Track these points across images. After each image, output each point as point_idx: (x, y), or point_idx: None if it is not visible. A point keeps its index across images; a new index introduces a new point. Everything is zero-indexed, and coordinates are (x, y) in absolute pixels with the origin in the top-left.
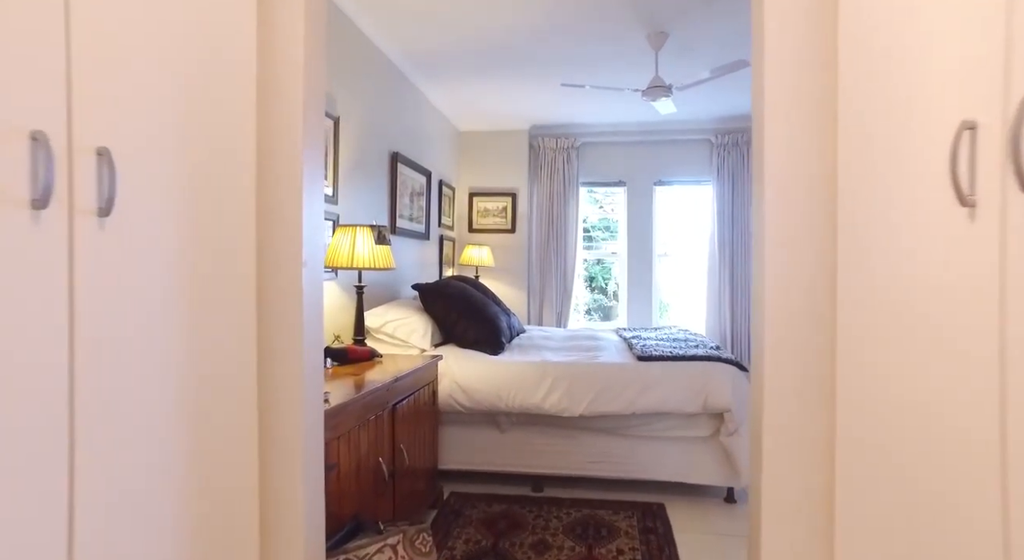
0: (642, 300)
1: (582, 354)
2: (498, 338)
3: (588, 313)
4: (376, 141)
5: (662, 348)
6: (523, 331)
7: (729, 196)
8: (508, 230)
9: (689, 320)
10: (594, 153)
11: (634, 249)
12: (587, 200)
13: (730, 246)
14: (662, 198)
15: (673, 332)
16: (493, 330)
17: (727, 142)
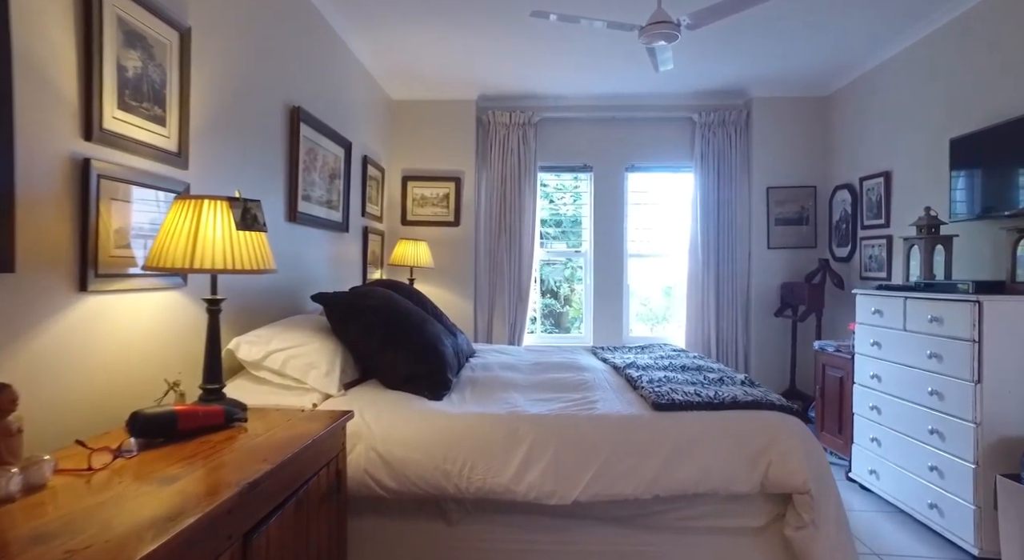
0: (611, 308)
1: (568, 398)
2: (441, 374)
3: (539, 321)
4: (266, 86)
5: (678, 387)
6: (473, 354)
7: (714, 185)
8: (451, 222)
9: (667, 330)
10: (555, 132)
11: (601, 247)
12: (546, 190)
13: (715, 243)
14: (636, 186)
15: (670, 353)
16: (434, 361)
17: (712, 121)
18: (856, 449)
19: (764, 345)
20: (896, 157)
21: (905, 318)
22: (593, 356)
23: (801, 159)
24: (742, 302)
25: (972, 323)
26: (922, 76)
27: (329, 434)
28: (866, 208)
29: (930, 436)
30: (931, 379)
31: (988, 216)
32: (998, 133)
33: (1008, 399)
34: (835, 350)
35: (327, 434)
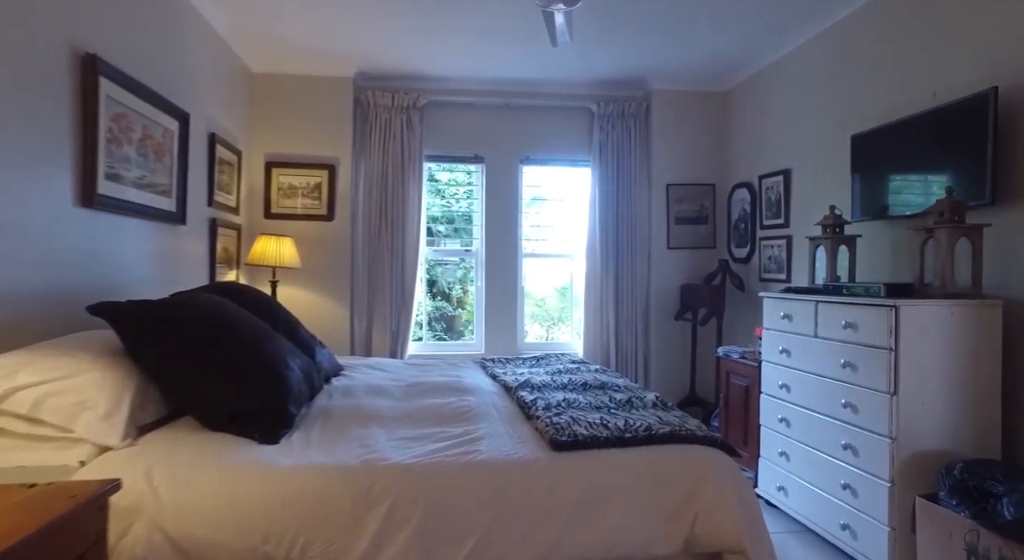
0: (504, 313)
1: (445, 434)
2: (280, 407)
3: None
4: (34, 13)
5: (581, 415)
6: (340, 372)
7: (613, 180)
8: (323, 216)
9: (563, 333)
10: (443, 117)
11: (494, 246)
12: (437, 185)
13: (614, 243)
14: (532, 180)
15: (568, 366)
16: (272, 390)
17: (611, 112)
18: (763, 463)
19: (664, 350)
20: (796, 155)
21: (817, 324)
22: (482, 370)
23: (700, 156)
24: (641, 305)
25: (888, 330)
26: (821, 71)
27: (67, 522)
28: (765, 207)
29: (843, 451)
30: (845, 390)
31: (888, 216)
32: (898, 130)
33: (924, 412)
34: (740, 357)
35: (62, 523)
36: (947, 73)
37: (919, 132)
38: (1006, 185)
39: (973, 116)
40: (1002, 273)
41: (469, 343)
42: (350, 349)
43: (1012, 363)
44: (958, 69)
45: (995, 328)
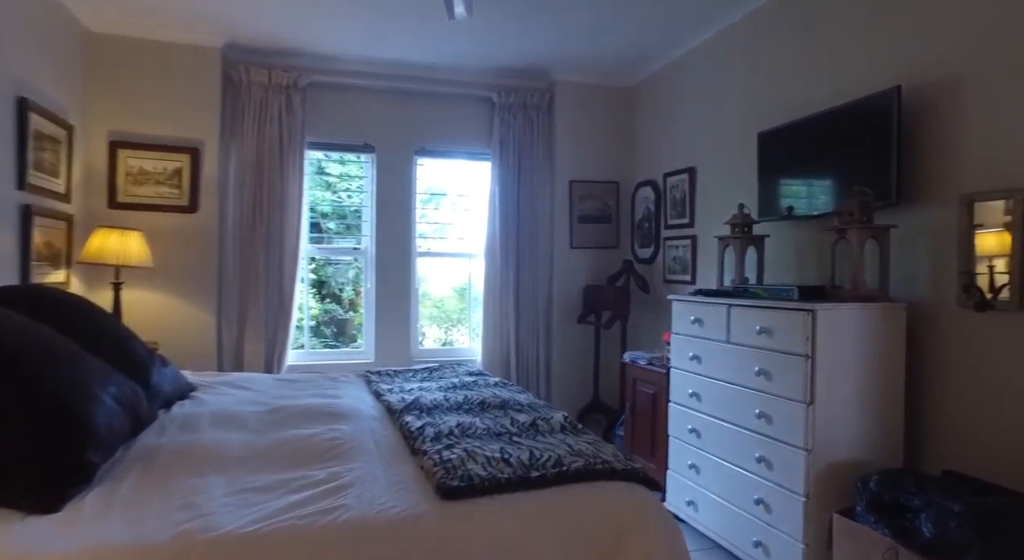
0: (397, 318)
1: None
2: (71, 454)
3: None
4: None
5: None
6: (189, 394)
7: (514, 175)
8: (184, 207)
9: (462, 335)
10: (328, 101)
11: (386, 244)
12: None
13: (515, 241)
14: (428, 173)
15: (465, 379)
16: (61, 431)
17: (512, 103)
18: (671, 476)
19: (567, 354)
20: (701, 153)
21: (729, 329)
22: (366, 386)
23: (604, 152)
24: (543, 307)
25: (805, 335)
26: (727, 68)
27: None
28: (670, 206)
29: (757, 464)
30: (759, 399)
31: (795, 216)
32: (803, 128)
33: (839, 421)
34: (647, 363)
35: None
36: (851, 71)
37: (824, 130)
38: (910, 186)
39: (877, 115)
40: (905, 275)
41: (358, 351)
42: (217, 363)
43: (915, 367)
44: (862, 68)
45: (900, 331)
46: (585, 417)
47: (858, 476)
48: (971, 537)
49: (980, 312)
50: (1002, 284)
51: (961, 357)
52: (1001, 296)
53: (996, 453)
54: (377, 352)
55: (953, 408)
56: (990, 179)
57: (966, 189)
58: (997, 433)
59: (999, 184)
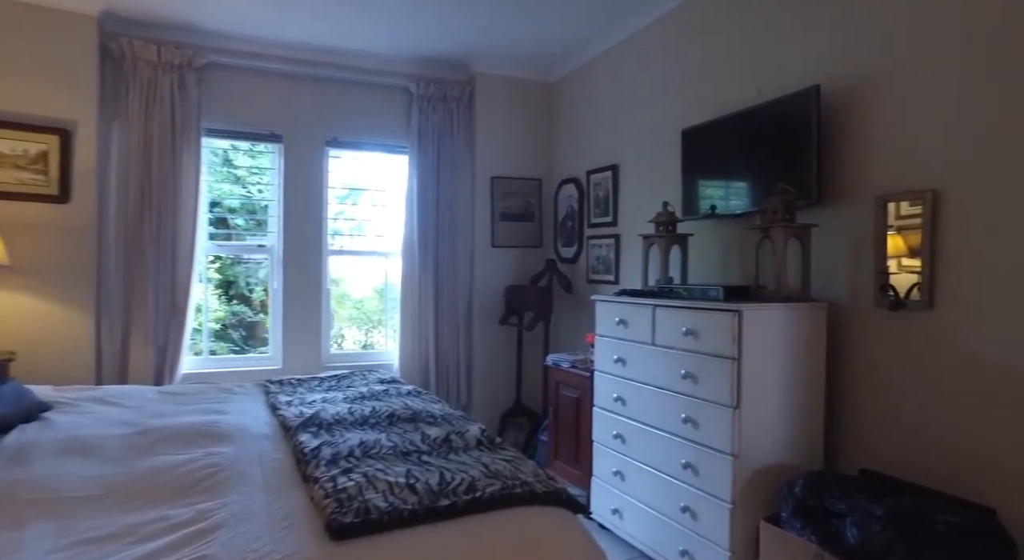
0: (307, 321)
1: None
2: None
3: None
4: None
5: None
6: (40, 415)
7: (433, 170)
8: (53, 197)
9: (383, 338)
10: (230, 84)
11: (295, 241)
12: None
13: (434, 239)
14: (341, 167)
15: (375, 388)
16: None
17: (432, 94)
18: (596, 484)
19: (488, 357)
20: (625, 150)
21: (654, 330)
22: (264, 397)
23: (527, 148)
24: (464, 308)
25: (732, 337)
26: (651, 64)
27: None
28: (593, 204)
29: (683, 471)
30: (685, 403)
31: (718, 215)
32: (725, 126)
33: (765, 425)
34: (571, 366)
35: None
36: (773, 70)
37: (746, 129)
38: (830, 185)
39: (797, 114)
40: (825, 274)
41: (265, 357)
42: (96, 375)
43: (834, 367)
44: (784, 67)
45: (822, 331)
46: (508, 422)
47: (783, 481)
48: (893, 540)
49: (894, 311)
50: (913, 284)
51: (877, 356)
52: (912, 296)
53: (908, 451)
54: (286, 358)
55: (869, 407)
56: (902, 179)
57: (880, 189)
58: (909, 431)
59: (910, 184)
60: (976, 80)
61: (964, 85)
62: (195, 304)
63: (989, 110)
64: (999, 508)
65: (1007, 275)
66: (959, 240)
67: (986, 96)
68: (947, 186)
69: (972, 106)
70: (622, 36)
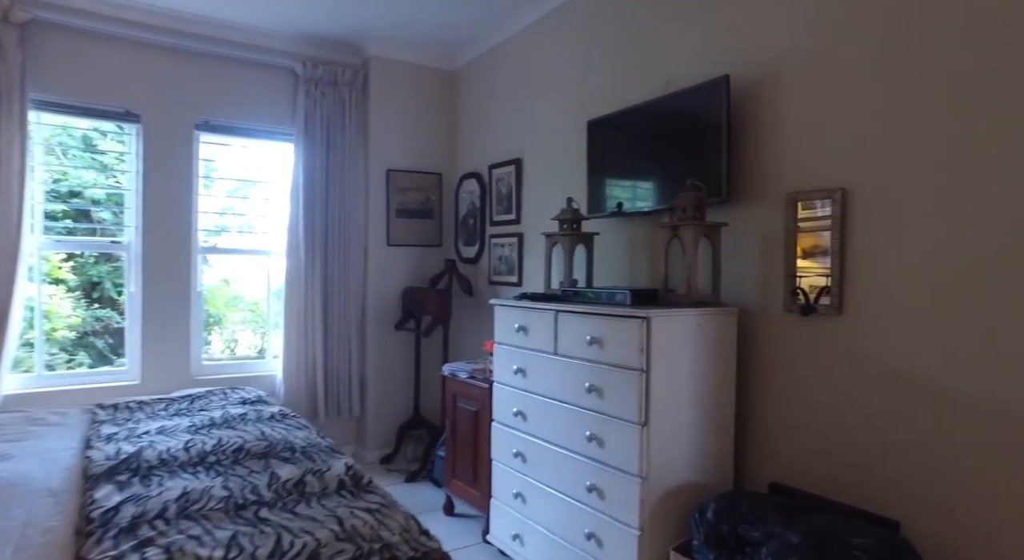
0: (172, 328)
1: None
2: None
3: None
4: None
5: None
6: None
7: (322, 160)
8: None
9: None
10: (68, 48)
11: (156, 237)
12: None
13: (323, 236)
14: (213, 153)
15: (232, 411)
16: None
17: (321, 77)
18: (496, 506)
19: (383, 365)
20: (529, 143)
21: (557, 338)
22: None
23: (427, 140)
24: (356, 312)
25: (640, 346)
26: (556, 53)
27: None
28: (495, 201)
29: (588, 494)
30: (590, 419)
31: (624, 213)
32: (631, 118)
33: (676, 443)
34: (469, 376)
35: None
36: (682, 61)
37: (654, 121)
38: (740, 182)
39: (707, 106)
40: (734, 277)
41: (120, 371)
42: None
43: (743, 377)
44: (694, 57)
45: (732, 339)
46: (405, 435)
47: (694, 504)
48: None
49: (804, 317)
50: (823, 287)
51: (786, 365)
52: (822, 301)
53: (817, 463)
54: (146, 372)
55: (778, 419)
56: (812, 177)
57: (790, 187)
58: (818, 443)
59: (820, 182)
60: (886, 76)
61: (873, 81)
62: (17, 310)
63: (899, 107)
64: (902, 520)
65: (915, 279)
66: (868, 241)
67: (896, 92)
68: (857, 185)
69: (882, 102)
70: (528, 21)
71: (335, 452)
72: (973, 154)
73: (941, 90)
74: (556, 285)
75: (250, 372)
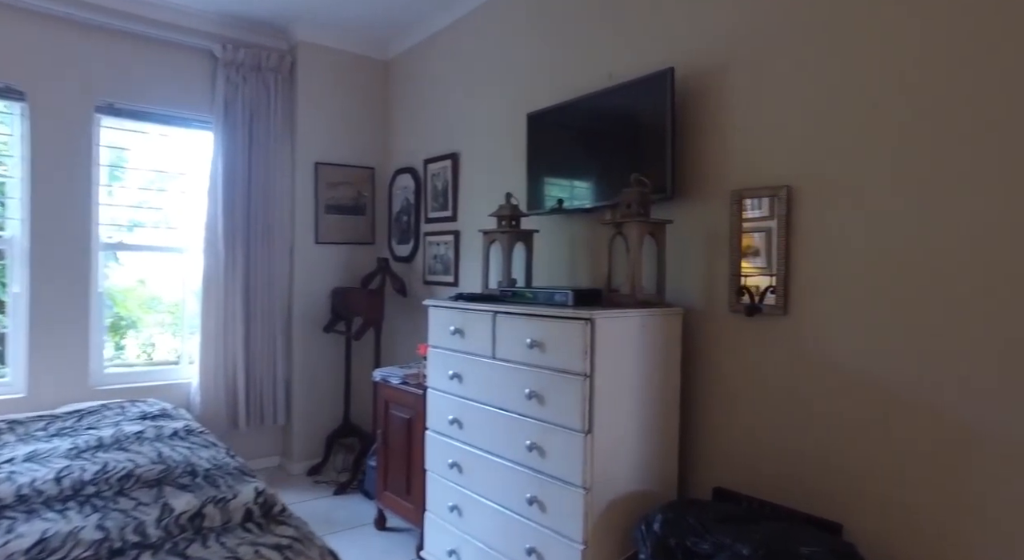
0: (66, 334)
1: None
2: None
3: None
4: None
5: None
6: None
7: (244, 150)
8: None
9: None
10: None
11: (46, 232)
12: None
13: (244, 233)
14: (124, 141)
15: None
16: None
17: (243, 61)
18: (430, 519)
19: (312, 370)
20: (466, 137)
21: (495, 341)
22: None
23: (359, 132)
24: (281, 314)
25: (583, 349)
26: (496, 44)
27: None
28: (431, 197)
29: (528, 507)
30: (531, 427)
31: (566, 209)
32: (573, 110)
33: (620, 451)
34: (401, 382)
35: None
36: (627, 53)
37: (597, 115)
38: (686, 178)
39: (651, 98)
40: (679, 276)
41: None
42: None
43: (687, 380)
44: (638, 49)
45: (677, 341)
46: (335, 443)
47: (640, 514)
48: None
49: (750, 317)
50: (767, 286)
51: (732, 366)
52: (768, 300)
53: (761, 466)
54: (32, 383)
55: (723, 422)
56: (758, 173)
57: (736, 183)
58: (761, 446)
59: (766, 179)
60: (834, 72)
61: (821, 76)
62: None
63: (847, 104)
64: (845, 522)
65: (858, 279)
66: (813, 240)
67: (844, 89)
68: (803, 182)
69: (830, 98)
70: (466, 9)
71: (245, 475)
72: (920, 154)
73: (889, 88)
74: (494, 285)
75: (163, 380)
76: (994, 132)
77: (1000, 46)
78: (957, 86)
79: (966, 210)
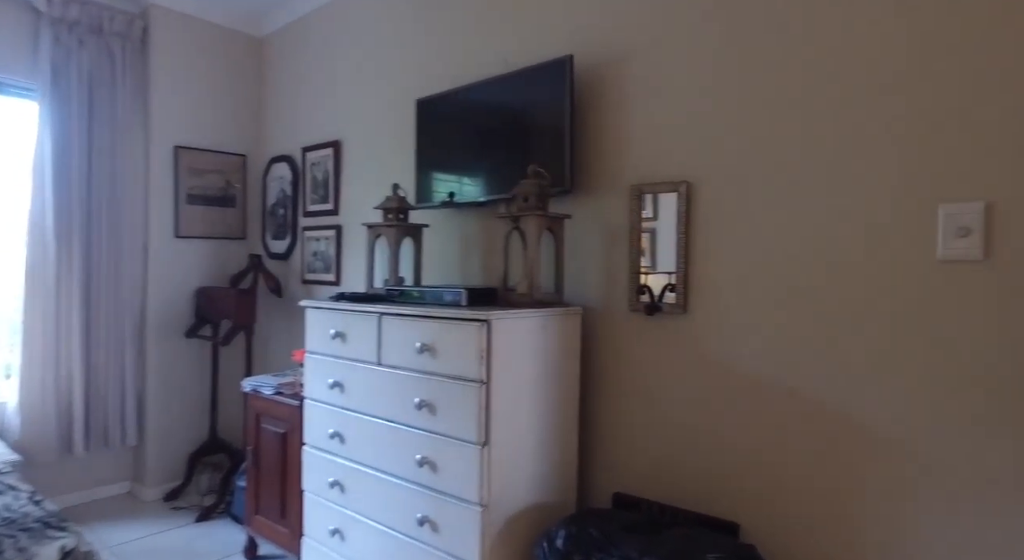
0: None
1: None
2: None
3: None
4: None
5: None
6: None
7: (82, 127)
8: None
9: None
10: None
11: None
12: None
13: (84, 223)
14: None
15: None
16: None
17: (77, 20)
18: (309, 545)
19: (171, 381)
20: (350, 124)
21: (380, 346)
22: None
23: (228, 115)
24: (132, 318)
25: (479, 354)
26: (383, 24)
27: None
28: (310, 188)
29: (419, 528)
30: (422, 440)
31: (457, 203)
32: (467, 97)
33: (519, 463)
34: (275, 392)
35: None
36: (524, 38)
37: (492, 102)
38: (585, 171)
39: (550, 87)
40: (577, 274)
41: None
42: None
43: (587, 382)
44: (536, 34)
45: (576, 342)
46: (198, 462)
47: (541, 529)
48: None
49: (650, 316)
50: (667, 284)
51: (631, 367)
52: (667, 299)
53: (661, 469)
54: None
55: (622, 425)
56: (658, 168)
57: (636, 178)
58: (662, 449)
59: (665, 174)
60: (735, 66)
61: (721, 70)
62: None
63: (746, 100)
64: (741, 522)
65: (754, 278)
66: (712, 237)
67: (743, 84)
68: (702, 178)
69: (729, 93)
70: None
71: (50, 529)
72: (816, 153)
73: (789, 85)
74: (380, 284)
75: None
76: (888, 133)
77: (892, 36)
78: (861, 89)
79: (860, 206)
